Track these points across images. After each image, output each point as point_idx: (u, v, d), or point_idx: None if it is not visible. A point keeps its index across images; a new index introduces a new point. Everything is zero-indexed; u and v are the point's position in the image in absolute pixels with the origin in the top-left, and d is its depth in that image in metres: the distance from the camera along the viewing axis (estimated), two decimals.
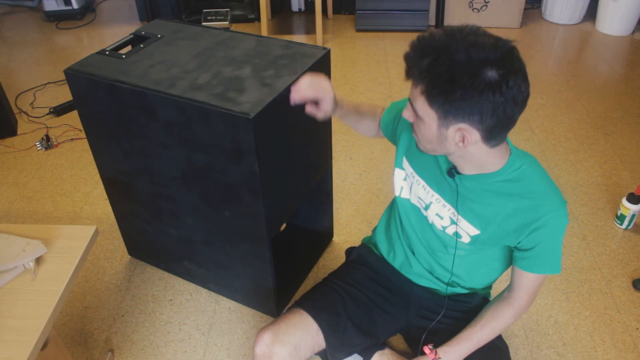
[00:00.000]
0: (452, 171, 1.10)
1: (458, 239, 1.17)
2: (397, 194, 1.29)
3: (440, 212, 1.17)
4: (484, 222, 1.11)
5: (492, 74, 0.87)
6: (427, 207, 1.20)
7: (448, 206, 1.15)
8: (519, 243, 1.10)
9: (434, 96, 0.92)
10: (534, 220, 1.05)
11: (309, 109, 1.24)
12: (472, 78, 0.87)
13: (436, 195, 1.16)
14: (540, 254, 1.09)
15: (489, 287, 1.35)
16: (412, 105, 0.99)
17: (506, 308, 1.18)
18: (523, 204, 1.06)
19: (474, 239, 1.15)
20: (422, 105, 0.95)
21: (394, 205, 1.37)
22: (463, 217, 1.13)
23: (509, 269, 1.21)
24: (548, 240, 1.08)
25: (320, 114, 1.24)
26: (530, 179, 1.06)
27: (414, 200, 1.24)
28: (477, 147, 0.98)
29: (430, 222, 1.21)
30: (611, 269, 1.79)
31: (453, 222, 1.16)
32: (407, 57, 0.94)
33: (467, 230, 1.15)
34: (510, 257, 1.18)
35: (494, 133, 0.94)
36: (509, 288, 1.19)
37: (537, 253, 1.09)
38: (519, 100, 0.91)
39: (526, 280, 1.14)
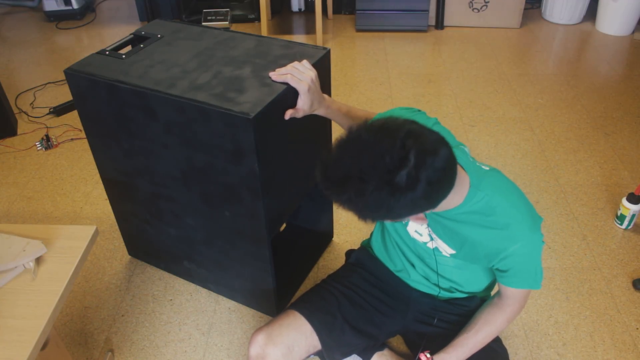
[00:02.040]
0: None
1: (440, 254, 1.18)
2: None
3: (418, 230, 1.19)
4: (457, 245, 1.12)
5: (400, 178, 0.81)
6: (406, 224, 1.21)
7: (425, 225, 1.16)
8: (492, 265, 1.11)
9: (367, 219, 0.89)
10: (502, 250, 1.05)
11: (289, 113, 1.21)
12: (389, 195, 0.83)
13: None
14: (517, 274, 1.10)
15: (489, 289, 1.35)
16: None
17: (498, 313, 1.19)
18: (489, 234, 1.05)
19: (453, 256, 1.16)
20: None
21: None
22: (438, 237, 1.15)
23: None
24: (521, 264, 1.08)
25: (297, 113, 1.22)
26: (494, 210, 1.03)
27: None
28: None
29: (412, 237, 1.22)
30: (611, 269, 1.79)
31: (432, 239, 1.17)
32: (325, 190, 0.89)
33: (445, 249, 1.16)
34: None
35: (441, 199, 0.90)
36: (499, 295, 1.20)
37: (513, 274, 1.10)
38: (443, 169, 0.85)
39: (511, 292, 1.15)
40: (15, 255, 1.06)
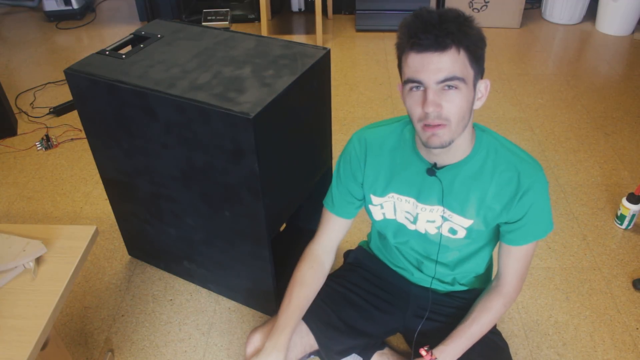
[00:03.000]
0: (432, 169, 1.11)
1: (454, 236, 1.17)
2: (379, 219, 1.26)
3: (429, 218, 1.17)
4: (475, 209, 1.12)
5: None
6: (415, 220, 1.20)
7: (436, 208, 1.15)
8: (511, 215, 1.11)
9: (475, 50, 0.97)
10: (519, 188, 1.07)
11: None
12: (478, 29, 0.99)
13: (421, 205, 1.16)
14: (533, 218, 1.10)
15: (488, 280, 1.35)
16: (437, 86, 0.96)
17: (495, 298, 1.18)
18: (504, 177, 1.08)
19: (470, 229, 1.15)
20: (464, 67, 0.96)
21: (379, 227, 1.36)
22: (454, 212, 1.14)
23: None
24: (537, 202, 1.09)
25: None
26: (500, 152, 1.10)
27: (401, 218, 1.23)
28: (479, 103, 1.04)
29: (423, 231, 1.21)
30: (611, 269, 1.79)
31: (445, 220, 1.16)
32: (430, 27, 0.94)
33: (461, 224, 1.15)
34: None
35: (483, 57, 1.03)
36: (497, 277, 1.20)
37: (529, 219, 1.10)
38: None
39: (514, 258, 1.15)
40: (15, 255, 1.06)
